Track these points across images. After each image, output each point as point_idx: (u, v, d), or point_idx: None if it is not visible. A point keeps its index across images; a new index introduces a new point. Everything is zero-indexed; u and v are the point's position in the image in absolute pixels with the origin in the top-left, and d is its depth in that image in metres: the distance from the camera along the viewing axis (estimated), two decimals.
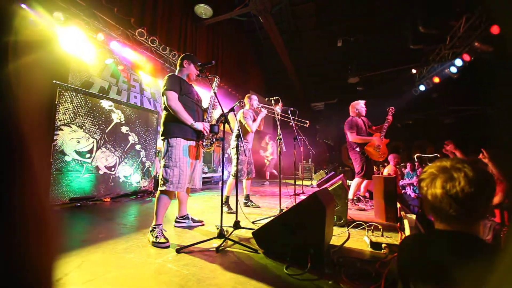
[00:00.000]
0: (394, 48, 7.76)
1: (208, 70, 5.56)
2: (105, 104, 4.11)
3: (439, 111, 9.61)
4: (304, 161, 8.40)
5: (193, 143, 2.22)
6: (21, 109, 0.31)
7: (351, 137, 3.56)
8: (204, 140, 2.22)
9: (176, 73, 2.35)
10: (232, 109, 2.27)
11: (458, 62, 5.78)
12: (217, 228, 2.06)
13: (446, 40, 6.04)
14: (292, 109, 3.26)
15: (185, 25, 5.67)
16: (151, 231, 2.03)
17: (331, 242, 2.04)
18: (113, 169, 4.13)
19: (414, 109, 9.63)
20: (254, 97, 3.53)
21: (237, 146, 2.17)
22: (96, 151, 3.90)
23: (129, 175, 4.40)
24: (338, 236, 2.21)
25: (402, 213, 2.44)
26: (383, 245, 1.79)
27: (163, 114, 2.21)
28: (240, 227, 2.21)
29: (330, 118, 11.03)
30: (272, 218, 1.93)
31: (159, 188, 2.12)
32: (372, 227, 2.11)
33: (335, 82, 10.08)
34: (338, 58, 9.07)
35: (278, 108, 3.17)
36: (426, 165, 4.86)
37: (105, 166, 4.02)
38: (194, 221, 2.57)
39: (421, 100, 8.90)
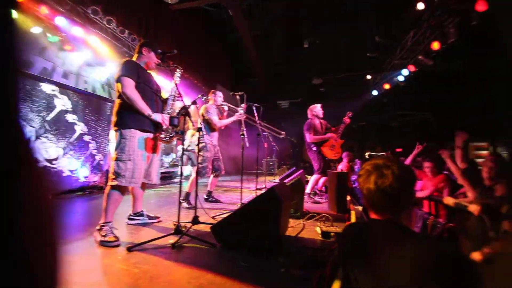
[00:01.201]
0: (354, 55, 8.39)
1: (171, 60, 5.26)
2: (47, 88, 3.61)
3: (388, 115, 10.76)
4: (268, 157, 8.61)
5: (150, 135, 2.09)
6: None
7: (309, 137, 3.81)
8: (163, 132, 2.11)
9: (133, 59, 2.18)
10: (194, 102, 2.20)
11: (405, 71, 6.51)
12: (174, 224, 2.00)
13: (396, 51, 6.75)
14: (257, 105, 3.30)
15: (147, 8, 5.26)
16: (98, 230, 1.87)
17: (287, 233, 2.15)
18: (54, 162, 3.66)
19: (368, 112, 10.62)
20: (219, 94, 3.47)
21: (198, 141, 2.11)
22: (34, 141, 3.41)
23: (76, 169, 3.96)
24: (293, 227, 2.33)
25: (351, 205, 2.68)
26: (332, 234, 1.96)
27: (116, 102, 2.03)
28: (198, 222, 2.18)
29: (295, 116, 11.48)
30: (231, 212, 1.95)
31: (109, 182, 1.96)
32: (323, 218, 2.28)
33: (300, 82, 10.50)
34: (304, 59, 9.44)
35: (241, 110, 3.16)
36: None
37: (45, 159, 3.54)
38: (149, 217, 2.45)
39: (374, 104, 9.84)
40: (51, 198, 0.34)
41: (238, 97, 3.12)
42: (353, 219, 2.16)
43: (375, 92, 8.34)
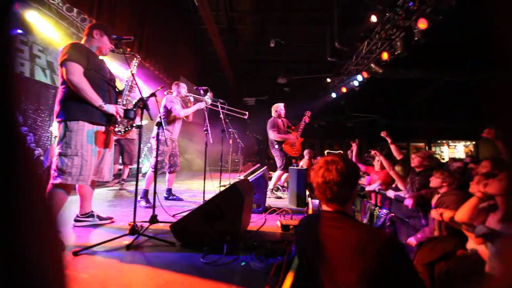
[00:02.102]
0: (317, 58, 8.87)
1: (129, 47, 4.86)
2: None
3: (344, 116, 11.70)
4: (234, 154, 8.60)
5: (101, 128, 1.91)
6: None
7: (272, 135, 3.92)
8: (117, 126, 1.94)
9: (82, 42, 1.95)
10: (153, 94, 2.07)
11: (359, 77, 7.13)
12: (130, 225, 1.87)
13: (352, 57, 7.34)
14: (222, 101, 3.26)
15: None
16: None
17: (249, 228, 2.19)
18: None
19: (327, 112, 11.39)
20: (183, 85, 3.33)
21: (157, 135, 1.99)
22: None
23: None
24: (255, 222, 2.39)
25: (309, 199, 2.87)
26: (291, 227, 2.07)
27: (60, 90, 1.80)
28: (157, 222, 2.08)
29: (260, 114, 11.67)
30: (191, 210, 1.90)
31: (52, 181, 1.74)
32: (284, 212, 2.39)
33: (266, 81, 10.70)
34: (270, 58, 9.62)
35: (207, 99, 3.09)
36: None
37: None
38: (100, 218, 2.25)
39: (333, 106, 10.59)
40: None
41: (202, 91, 3.04)
42: (310, 211, 2.31)
43: (334, 95, 8.95)
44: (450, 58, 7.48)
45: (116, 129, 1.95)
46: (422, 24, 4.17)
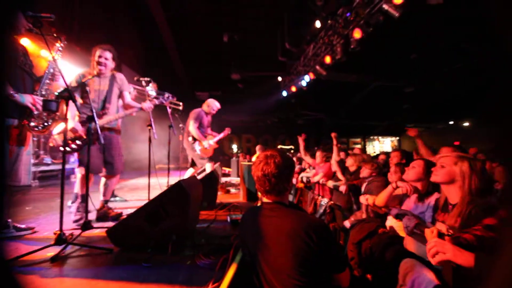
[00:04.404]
0: (269, 56, 9.14)
1: (54, 27, 4.17)
2: None
3: (294, 113, 12.44)
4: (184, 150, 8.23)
5: (13, 122, 1.59)
6: None
7: (192, 126, 3.61)
8: (33, 120, 1.65)
9: None
10: (84, 84, 1.82)
11: (307, 78, 7.64)
12: (55, 234, 1.62)
13: (301, 58, 7.81)
14: (168, 94, 3.06)
15: None
16: None
17: (199, 225, 2.16)
18: None
19: (279, 109, 11.92)
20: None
21: (88, 131, 1.75)
22: None
23: None
24: (205, 219, 2.37)
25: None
26: (239, 221, 2.12)
27: None
28: (91, 228, 1.86)
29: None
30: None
31: None
32: (234, 207, 2.43)
33: (220, 75, 10.52)
34: (224, 52, 9.48)
35: (150, 90, 2.86)
36: None
37: None
38: (18, 229, 1.89)
39: (285, 103, 11.13)
40: None
41: (144, 82, 2.80)
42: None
43: (284, 93, 9.40)
44: (380, 64, 8.67)
45: (32, 124, 1.64)
46: (357, 33, 4.71)
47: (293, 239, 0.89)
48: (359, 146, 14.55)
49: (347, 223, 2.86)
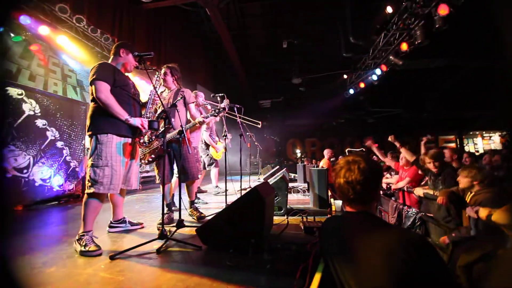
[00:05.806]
0: (331, 55, 8.69)
1: (149, 61, 5.13)
2: (13, 92, 3.36)
3: (364, 112, 11.28)
4: (252, 157, 8.66)
5: (128, 140, 2.04)
6: None
7: (205, 135, 4.05)
8: (142, 137, 2.07)
9: (109, 62, 2.11)
10: (174, 105, 2.17)
11: (378, 71, 6.87)
12: (158, 229, 1.97)
13: (369, 51, 7.09)
14: (238, 106, 3.32)
15: (120, 6, 5.05)
16: (78, 240, 1.80)
17: (272, 230, 2.20)
18: (25, 171, 3.43)
19: (346, 109, 11.06)
20: (200, 94, 3.47)
21: (179, 142, 2.08)
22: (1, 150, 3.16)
23: (48, 177, 3.73)
24: (278, 224, 2.39)
25: (332, 199, 2.81)
26: (314, 229, 2.05)
27: (91, 106, 1.96)
28: (183, 226, 2.17)
29: (277, 115, 11.69)
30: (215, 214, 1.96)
31: (86, 191, 1.89)
32: (306, 214, 2.37)
33: (281, 82, 10.67)
34: (283, 59, 9.60)
35: (224, 105, 3.17)
36: None
37: (14, 168, 3.30)
38: (132, 224, 2.39)
39: (351, 102, 10.27)
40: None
41: (219, 98, 3.13)
42: (333, 213, 2.27)
43: (351, 91, 8.70)
44: (475, 44, 6.95)
45: (141, 140, 2.07)
46: (443, 10, 3.95)
47: (388, 257, 0.77)
48: (452, 144, 11.89)
49: (446, 240, 2.36)
